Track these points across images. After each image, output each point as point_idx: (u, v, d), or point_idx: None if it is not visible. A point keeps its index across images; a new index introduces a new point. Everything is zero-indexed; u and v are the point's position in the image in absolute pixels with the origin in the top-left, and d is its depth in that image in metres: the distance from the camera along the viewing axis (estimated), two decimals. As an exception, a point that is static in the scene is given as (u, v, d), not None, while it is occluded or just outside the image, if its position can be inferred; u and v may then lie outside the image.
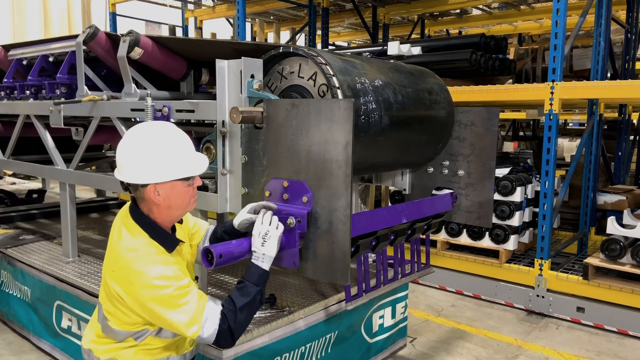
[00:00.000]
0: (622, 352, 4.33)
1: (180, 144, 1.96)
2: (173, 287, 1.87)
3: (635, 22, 6.87)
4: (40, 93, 3.96)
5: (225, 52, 2.83)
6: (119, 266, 1.94)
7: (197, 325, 1.89)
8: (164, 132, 1.96)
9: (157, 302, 1.86)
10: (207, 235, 2.33)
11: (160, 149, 1.91)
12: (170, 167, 1.91)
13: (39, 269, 3.86)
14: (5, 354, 3.97)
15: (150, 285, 1.85)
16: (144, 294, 1.86)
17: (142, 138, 1.93)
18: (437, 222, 3.35)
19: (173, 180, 1.92)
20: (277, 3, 8.69)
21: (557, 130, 4.91)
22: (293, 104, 2.32)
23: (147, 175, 1.90)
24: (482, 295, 5.43)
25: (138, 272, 1.87)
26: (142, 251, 1.92)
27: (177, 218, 2.06)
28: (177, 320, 1.87)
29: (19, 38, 11.63)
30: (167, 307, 1.86)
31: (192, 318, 1.88)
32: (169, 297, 1.86)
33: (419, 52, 5.87)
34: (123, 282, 1.91)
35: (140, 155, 1.90)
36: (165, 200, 1.94)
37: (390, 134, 2.79)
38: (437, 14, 9.89)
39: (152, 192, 1.92)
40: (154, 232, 1.97)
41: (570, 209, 6.97)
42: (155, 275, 1.86)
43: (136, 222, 1.98)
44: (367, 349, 3.62)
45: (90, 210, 5.80)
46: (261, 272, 2.06)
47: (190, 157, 1.98)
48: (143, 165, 1.89)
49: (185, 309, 1.88)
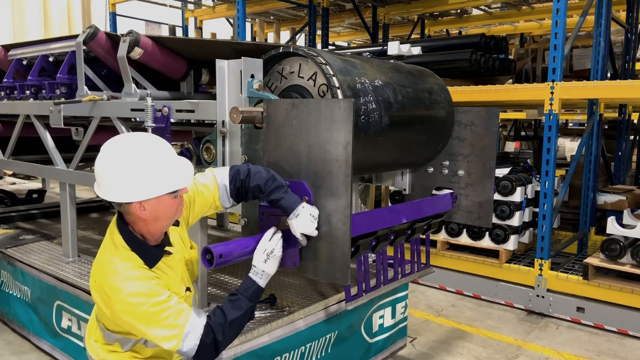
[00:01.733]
0: (622, 352, 4.33)
1: (162, 155, 1.85)
2: (148, 304, 1.82)
3: (635, 22, 6.87)
4: (40, 93, 3.96)
5: (225, 52, 2.83)
6: (99, 277, 1.92)
7: (176, 340, 1.85)
8: (143, 145, 1.84)
9: (133, 317, 1.84)
10: (226, 191, 2.22)
11: (143, 164, 1.79)
12: (155, 183, 1.80)
13: (39, 269, 3.86)
14: (5, 354, 3.97)
15: (125, 301, 1.83)
16: (120, 308, 1.84)
17: (122, 153, 1.81)
18: (437, 222, 3.35)
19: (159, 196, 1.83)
20: (277, 3, 8.69)
21: (557, 130, 4.91)
22: (293, 104, 2.32)
23: (131, 194, 1.79)
24: (482, 295, 5.43)
25: (114, 288, 1.84)
26: (119, 265, 1.87)
27: (165, 228, 1.99)
28: (155, 335, 1.85)
29: (19, 38, 11.62)
30: (144, 323, 1.84)
31: (171, 333, 1.85)
32: (144, 313, 1.83)
33: (419, 52, 5.87)
34: (101, 294, 1.90)
35: (121, 173, 1.78)
36: (151, 214, 1.86)
37: (390, 134, 2.79)
38: (437, 14, 9.88)
39: (138, 208, 1.83)
40: (136, 247, 1.91)
41: (570, 209, 6.97)
42: (130, 292, 1.82)
43: (120, 234, 1.93)
44: (367, 349, 3.62)
45: (90, 210, 5.80)
46: (257, 289, 2.04)
47: (175, 168, 1.88)
48: (126, 183, 1.78)
49: (164, 323, 1.84)
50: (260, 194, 2.20)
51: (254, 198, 2.26)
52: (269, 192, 2.17)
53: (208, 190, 2.22)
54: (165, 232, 2.03)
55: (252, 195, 2.23)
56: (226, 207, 2.31)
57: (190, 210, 2.20)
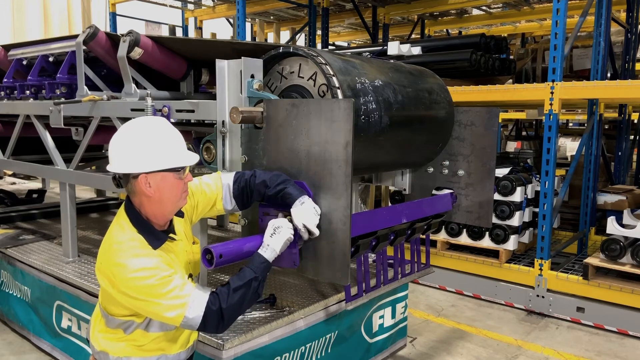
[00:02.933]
0: (622, 352, 4.33)
1: (172, 136, 1.98)
2: (153, 278, 1.86)
3: (635, 22, 6.87)
4: (40, 93, 3.96)
5: (225, 52, 2.83)
6: (105, 258, 1.96)
7: (181, 309, 1.87)
8: (155, 125, 1.97)
9: (137, 291, 1.86)
10: (229, 191, 2.29)
11: (151, 139, 1.92)
12: (161, 157, 1.91)
13: (39, 269, 3.86)
14: (5, 354, 3.97)
15: (130, 277, 1.86)
16: (125, 285, 1.87)
17: (133, 130, 1.95)
18: (437, 222, 3.35)
19: (164, 171, 1.92)
20: (277, 3, 8.69)
21: (557, 130, 4.91)
22: (293, 104, 2.32)
23: (137, 165, 1.89)
24: (482, 295, 5.43)
25: (119, 265, 1.88)
26: (125, 244, 1.92)
27: (169, 214, 2.04)
28: (160, 307, 1.87)
29: (19, 38, 11.63)
30: (148, 295, 1.86)
31: (175, 303, 1.87)
32: (149, 286, 1.86)
33: (419, 52, 5.87)
34: (107, 274, 1.93)
35: (130, 146, 1.91)
36: (156, 192, 1.93)
37: (390, 134, 2.79)
38: (437, 14, 9.88)
39: (143, 184, 1.91)
40: (142, 228, 1.97)
41: (570, 209, 6.97)
42: (135, 267, 1.86)
43: (128, 217, 2.00)
44: (367, 349, 3.62)
45: (90, 210, 5.80)
46: (262, 260, 2.06)
47: (181, 149, 1.99)
48: (133, 155, 1.90)
49: (169, 295, 1.87)
50: (265, 189, 2.26)
51: (259, 197, 2.30)
52: (275, 184, 2.24)
53: (211, 189, 2.29)
54: (170, 220, 2.08)
55: (258, 193, 2.28)
56: (227, 210, 2.35)
57: (194, 208, 2.26)
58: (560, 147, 11.47)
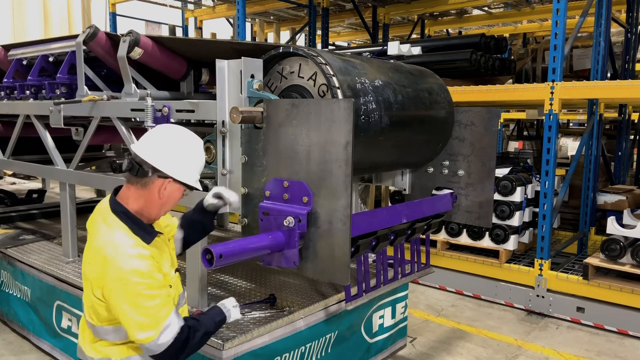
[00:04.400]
0: (622, 352, 4.33)
1: (202, 159, 2.12)
2: (143, 286, 1.86)
3: (635, 22, 6.87)
4: (40, 93, 3.96)
5: (225, 52, 2.83)
6: (94, 258, 1.95)
7: (154, 331, 1.87)
8: (198, 142, 2.11)
9: (124, 293, 1.86)
10: (178, 225, 2.38)
11: (193, 152, 2.05)
12: (192, 174, 2.04)
13: (39, 269, 3.86)
14: (5, 354, 3.97)
15: (123, 278, 1.86)
16: (115, 286, 1.87)
17: (181, 136, 2.05)
18: (437, 222, 3.35)
19: (183, 185, 2.02)
20: (277, 3, 8.69)
21: (557, 130, 4.91)
22: (293, 104, 2.32)
23: (176, 171, 1.98)
24: (482, 295, 5.43)
25: (112, 264, 1.87)
26: (118, 243, 1.92)
27: (160, 216, 2.11)
28: (135, 321, 1.87)
29: (19, 38, 11.61)
30: (132, 305, 1.86)
31: (150, 322, 1.87)
32: (136, 294, 1.86)
33: (419, 52, 5.87)
34: (96, 274, 1.92)
35: (175, 148, 2.00)
36: (164, 197, 2.00)
37: (390, 134, 2.79)
38: (437, 14, 9.88)
39: (161, 186, 1.98)
40: (132, 224, 1.98)
41: (570, 209, 6.97)
42: (129, 269, 1.86)
43: (115, 215, 1.99)
44: (367, 349, 3.62)
45: (90, 210, 5.75)
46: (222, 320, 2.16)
47: (200, 174, 2.12)
48: (175, 158, 1.98)
49: (149, 312, 1.87)
50: (192, 212, 2.38)
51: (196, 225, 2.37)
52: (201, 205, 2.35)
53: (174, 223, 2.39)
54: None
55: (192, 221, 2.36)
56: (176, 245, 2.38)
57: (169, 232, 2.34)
58: (561, 147, 11.48)
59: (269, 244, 2.26)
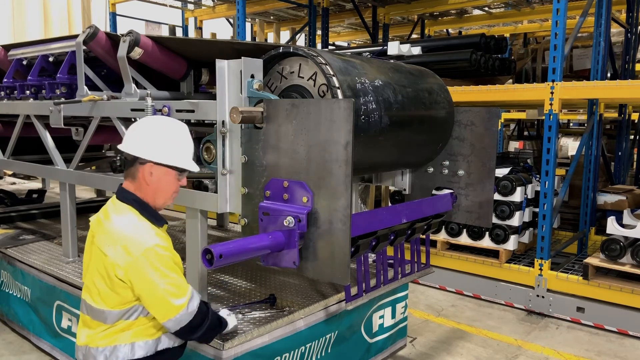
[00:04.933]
0: (622, 352, 4.33)
1: (187, 141, 2.15)
2: (168, 258, 1.99)
3: (635, 22, 6.87)
4: (40, 93, 3.96)
5: (225, 52, 2.83)
6: (114, 241, 2.00)
7: (184, 298, 1.99)
8: (177, 126, 2.15)
9: (152, 268, 1.94)
10: None
11: (170, 135, 2.09)
12: (172, 154, 2.08)
13: (39, 269, 3.86)
14: (5, 354, 3.97)
15: (148, 252, 1.95)
16: (141, 261, 1.95)
17: (157, 123, 2.13)
18: (437, 222, 3.35)
19: (169, 167, 2.07)
20: (277, 3, 8.69)
21: (557, 130, 4.91)
22: (293, 104, 2.32)
23: (150, 152, 2.04)
24: (482, 295, 5.43)
25: (135, 242, 1.97)
26: (136, 223, 2.03)
27: (159, 206, 2.16)
28: (167, 290, 1.97)
29: (19, 38, 11.61)
30: (162, 275, 1.96)
31: (179, 291, 1.99)
32: (164, 265, 1.96)
33: (419, 52, 5.87)
34: (119, 254, 1.97)
35: (149, 134, 2.07)
36: (155, 182, 2.08)
37: (390, 134, 2.79)
38: (437, 14, 9.89)
39: (147, 171, 2.06)
40: (142, 208, 2.08)
41: (570, 209, 6.97)
42: (153, 243, 1.97)
43: (124, 202, 2.08)
44: (367, 349, 3.62)
45: (90, 210, 5.75)
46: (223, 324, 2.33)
47: (190, 155, 2.17)
48: (149, 142, 2.05)
49: (177, 282, 1.99)
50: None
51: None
52: None
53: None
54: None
55: None
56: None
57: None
58: (562, 147, 11.49)
59: (269, 244, 2.26)
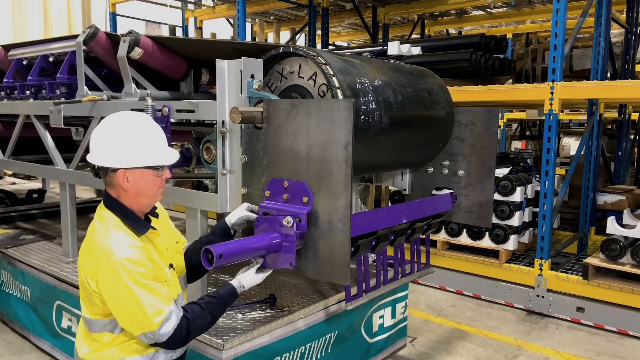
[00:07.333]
0: (622, 352, 4.33)
1: (153, 134, 2.00)
2: (139, 272, 1.85)
3: (635, 22, 6.87)
4: (40, 93, 3.96)
5: (225, 52, 2.83)
6: (87, 249, 1.96)
7: (158, 317, 1.86)
8: (138, 121, 1.99)
9: (120, 282, 1.84)
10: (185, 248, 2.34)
11: (133, 135, 1.94)
12: (141, 154, 1.94)
13: (39, 269, 3.86)
14: (5, 354, 3.97)
15: (115, 266, 1.84)
16: (108, 275, 1.86)
17: (116, 124, 1.96)
18: (437, 222, 3.35)
19: (143, 168, 1.94)
20: (277, 3, 8.69)
21: (557, 130, 4.92)
22: (293, 104, 2.32)
23: (117, 159, 1.91)
24: (482, 295, 5.43)
25: (104, 253, 1.87)
26: (110, 233, 1.92)
27: (146, 207, 2.05)
28: (133, 307, 1.84)
29: (19, 38, 11.61)
30: (128, 291, 1.83)
31: (151, 309, 1.85)
32: (133, 278, 1.84)
33: (419, 52, 5.87)
34: (90, 264, 1.92)
35: (112, 140, 1.93)
36: (133, 186, 1.96)
37: (390, 134, 2.79)
38: (437, 14, 9.89)
39: (122, 178, 1.94)
40: (123, 215, 1.98)
41: (570, 209, 6.97)
42: (122, 256, 1.85)
43: (107, 208, 2.00)
44: (367, 349, 3.62)
45: (90, 210, 5.78)
46: (234, 294, 2.15)
47: (162, 148, 2.02)
48: (114, 149, 1.92)
49: (144, 300, 1.85)
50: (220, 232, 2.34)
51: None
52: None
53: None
54: (146, 213, 2.09)
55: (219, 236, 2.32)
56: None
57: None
58: (564, 147, 11.50)
59: (269, 244, 2.25)
